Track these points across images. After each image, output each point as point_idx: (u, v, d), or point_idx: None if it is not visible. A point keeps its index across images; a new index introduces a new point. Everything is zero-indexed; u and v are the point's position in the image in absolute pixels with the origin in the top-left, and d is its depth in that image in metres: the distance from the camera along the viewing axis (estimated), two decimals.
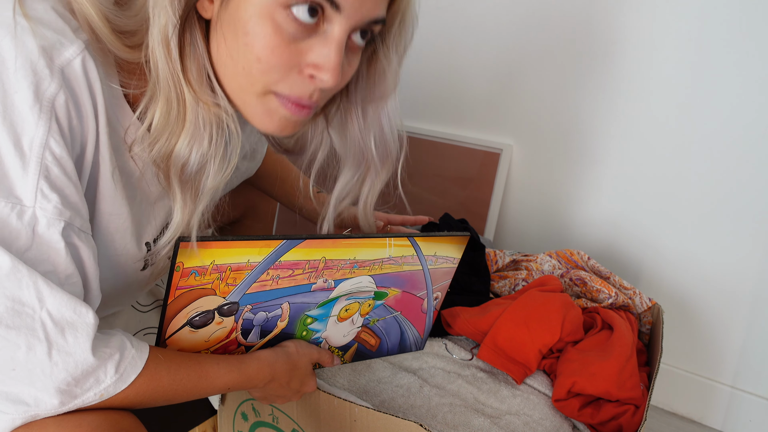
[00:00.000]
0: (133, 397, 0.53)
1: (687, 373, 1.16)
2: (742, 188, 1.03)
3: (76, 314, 0.48)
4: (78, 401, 0.49)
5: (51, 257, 0.48)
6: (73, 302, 0.48)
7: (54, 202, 0.47)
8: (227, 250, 0.57)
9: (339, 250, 0.64)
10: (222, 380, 0.59)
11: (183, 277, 0.56)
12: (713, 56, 1.01)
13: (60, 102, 0.47)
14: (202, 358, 0.59)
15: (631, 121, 1.12)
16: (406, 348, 0.84)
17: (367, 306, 0.74)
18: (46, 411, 0.48)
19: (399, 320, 0.79)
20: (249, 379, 0.62)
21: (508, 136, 1.27)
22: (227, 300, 0.60)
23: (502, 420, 0.78)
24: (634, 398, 0.79)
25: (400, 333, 0.81)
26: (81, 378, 0.49)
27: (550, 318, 0.85)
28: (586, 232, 1.22)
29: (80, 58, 0.48)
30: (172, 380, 0.55)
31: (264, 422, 0.83)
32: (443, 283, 0.79)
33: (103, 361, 0.50)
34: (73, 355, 0.48)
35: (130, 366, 0.52)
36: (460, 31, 1.28)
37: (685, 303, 1.13)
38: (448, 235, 0.74)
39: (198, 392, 0.58)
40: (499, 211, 1.29)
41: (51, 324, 0.47)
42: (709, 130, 1.04)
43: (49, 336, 0.47)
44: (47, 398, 0.48)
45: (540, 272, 1.02)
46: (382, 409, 0.71)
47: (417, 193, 1.38)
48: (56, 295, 0.47)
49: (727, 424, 1.14)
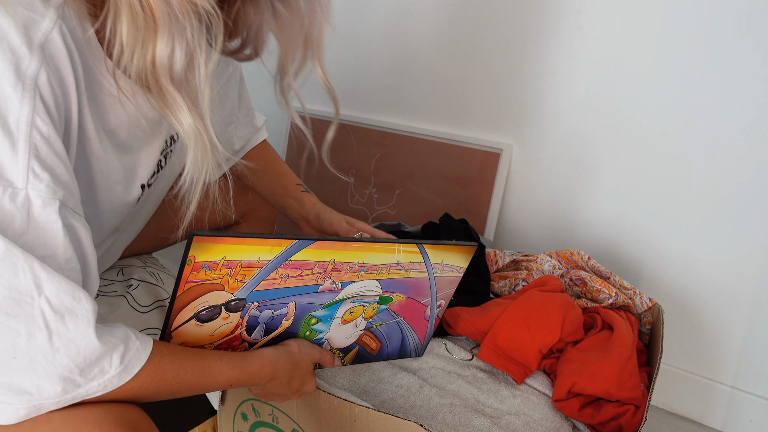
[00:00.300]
0: (138, 390, 0.52)
1: (687, 373, 1.16)
2: (743, 188, 1.03)
3: (76, 300, 0.48)
4: (81, 391, 0.49)
5: (49, 240, 0.47)
6: (72, 288, 0.48)
7: (46, 182, 0.46)
8: (239, 247, 0.57)
9: (348, 253, 0.65)
10: (225, 376, 0.59)
11: (194, 270, 0.56)
12: (714, 57, 1.01)
13: (43, 80, 0.46)
14: (205, 353, 0.59)
15: (631, 121, 1.11)
16: (406, 353, 0.85)
17: (371, 310, 0.74)
18: (49, 399, 0.48)
19: (401, 326, 0.79)
20: (251, 377, 0.62)
21: (508, 136, 1.27)
22: (235, 296, 0.60)
23: (502, 420, 0.78)
24: (635, 398, 0.79)
25: (401, 338, 0.81)
26: (85, 366, 0.48)
27: (550, 318, 0.85)
28: (586, 232, 1.22)
29: (57, 29, 0.47)
30: (175, 374, 0.55)
31: (264, 422, 0.83)
32: (447, 292, 0.80)
33: (107, 351, 0.49)
34: (74, 341, 0.47)
35: (135, 358, 0.51)
36: (460, 31, 1.28)
37: (685, 303, 1.13)
38: (457, 244, 0.74)
39: (201, 387, 0.58)
40: (499, 211, 1.29)
41: (50, 311, 0.46)
42: (710, 131, 1.04)
43: (48, 323, 0.46)
44: (49, 386, 0.47)
45: (540, 272, 1.02)
46: (382, 409, 0.71)
47: (417, 193, 1.38)
48: (54, 280, 0.46)
49: (727, 424, 1.14)
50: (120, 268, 0.87)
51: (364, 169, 1.45)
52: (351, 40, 1.46)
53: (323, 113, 1.56)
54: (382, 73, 1.43)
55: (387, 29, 1.39)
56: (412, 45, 1.36)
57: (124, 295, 0.82)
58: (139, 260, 0.90)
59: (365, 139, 1.45)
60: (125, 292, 0.82)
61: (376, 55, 1.43)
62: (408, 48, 1.37)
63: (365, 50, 1.44)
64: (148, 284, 0.84)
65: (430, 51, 1.34)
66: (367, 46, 1.43)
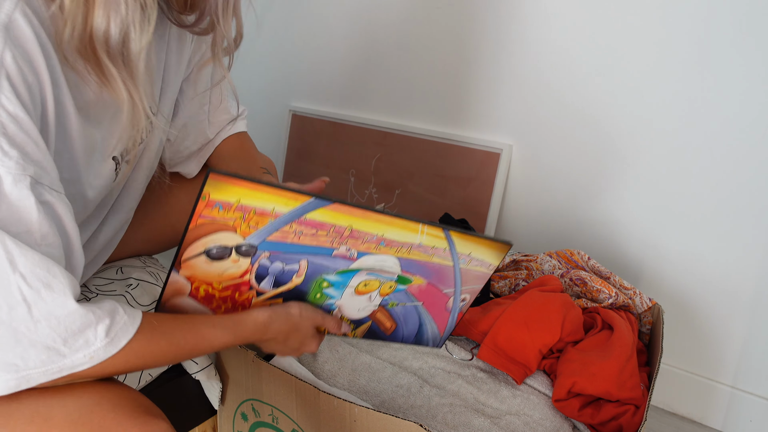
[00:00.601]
0: (131, 362, 0.53)
1: (687, 373, 1.16)
2: (743, 188, 1.03)
3: (51, 275, 0.48)
4: (67, 361, 0.50)
5: (23, 217, 0.48)
6: (46, 263, 0.48)
7: (15, 158, 0.47)
8: (255, 193, 0.57)
9: (367, 222, 0.63)
10: (218, 341, 0.61)
11: (207, 207, 0.56)
12: (714, 57, 1.01)
13: (8, 59, 0.47)
14: (197, 320, 0.61)
15: (631, 120, 1.11)
16: (423, 341, 0.82)
17: (388, 287, 0.72)
18: (35, 369, 0.49)
19: (420, 311, 0.77)
20: (244, 339, 0.64)
21: (508, 136, 1.27)
22: (247, 241, 0.61)
23: (502, 420, 0.78)
24: (635, 398, 0.79)
25: (418, 324, 0.79)
26: (67, 336, 0.49)
27: (550, 318, 0.85)
28: (586, 232, 1.21)
29: (19, 10, 0.48)
30: (168, 344, 0.57)
31: (264, 422, 0.83)
32: (474, 287, 0.77)
33: (90, 322, 0.50)
34: (53, 313, 0.48)
35: (122, 331, 0.52)
36: (460, 31, 1.28)
37: (686, 303, 1.13)
38: (489, 238, 0.71)
39: (196, 353, 0.60)
40: (499, 211, 1.29)
41: (26, 286, 0.47)
42: (710, 131, 1.04)
43: (26, 297, 0.47)
44: (34, 355, 0.48)
45: (540, 272, 1.02)
46: (382, 409, 0.71)
47: (417, 193, 1.38)
48: (27, 254, 0.47)
49: (727, 424, 1.14)
50: (119, 267, 0.87)
51: (364, 169, 1.45)
52: (351, 40, 1.46)
53: (323, 113, 1.57)
54: (382, 72, 1.43)
55: (387, 29, 1.39)
56: (413, 45, 1.36)
57: (123, 295, 0.82)
58: (138, 260, 0.91)
59: (365, 139, 1.45)
60: (124, 291, 0.82)
61: (377, 55, 1.43)
62: (408, 48, 1.37)
63: (366, 50, 1.44)
64: (147, 284, 0.84)
65: (431, 51, 1.34)
66: (367, 46, 1.43)
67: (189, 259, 0.60)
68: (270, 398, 0.80)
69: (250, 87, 1.66)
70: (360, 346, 0.91)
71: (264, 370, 0.78)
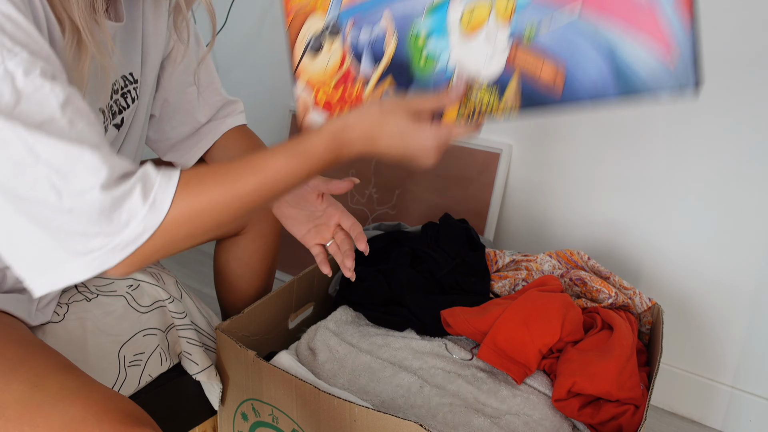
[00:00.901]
0: (196, 217, 0.51)
1: (687, 373, 1.16)
2: (743, 188, 1.03)
3: (75, 158, 0.47)
4: (123, 237, 0.48)
5: (43, 106, 0.47)
6: (65, 145, 0.47)
7: (21, 54, 0.47)
8: None
9: None
10: (282, 169, 0.55)
11: None
12: (715, 55, 1.01)
13: None
14: (251, 155, 0.56)
15: (631, 120, 1.11)
16: (634, 86, 0.45)
17: (504, 4, 0.48)
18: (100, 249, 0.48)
19: (583, 26, 0.44)
20: (318, 158, 0.58)
21: (508, 136, 1.27)
22: (328, 15, 0.65)
23: (502, 420, 0.78)
24: (634, 398, 0.79)
25: (601, 55, 0.44)
26: (109, 214, 0.48)
27: (550, 318, 0.85)
28: (586, 232, 1.22)
29: None
30: (223, 188, 0.52)
31: (264, 422, 0.83)
32: None
33: (122, 195, 0.49)
34: (83, 196, 0.47)
35: (161, 190, 0.50)
36: None
37: (685, 303, 1.13)
38: None
39: (261, 193, 0.54)
40: (499, 211, 1.29)
41: (54, 174, 0.47)
42: (710, 130, 1.04)
43: (55, 185, 0.47)
44: (92, 228, 0.48)
45: (540, 272, 1.02)
46: (382, 409, 0.71)
47: (417, 193, 1.38)
48: (45, 141, 0.47)
49: (727, 424, 1.14)
50: None
51: (364, 169, 1.45)
52: None
53: None
54: None
55: None
56: None
57: (123, 295, 0.82)
58: None
59: None
60: (125, 291, 0.82)
61: None
62: None
63: None
64: (148, 284, 0.84)
65: None
66: None
67: (299, 63, 0.67)
68: (270, 398, 0.80)
69: (250, 87, 1.66)
70: (360, 346, 0.91)
71: (264, 370, 0.78)
